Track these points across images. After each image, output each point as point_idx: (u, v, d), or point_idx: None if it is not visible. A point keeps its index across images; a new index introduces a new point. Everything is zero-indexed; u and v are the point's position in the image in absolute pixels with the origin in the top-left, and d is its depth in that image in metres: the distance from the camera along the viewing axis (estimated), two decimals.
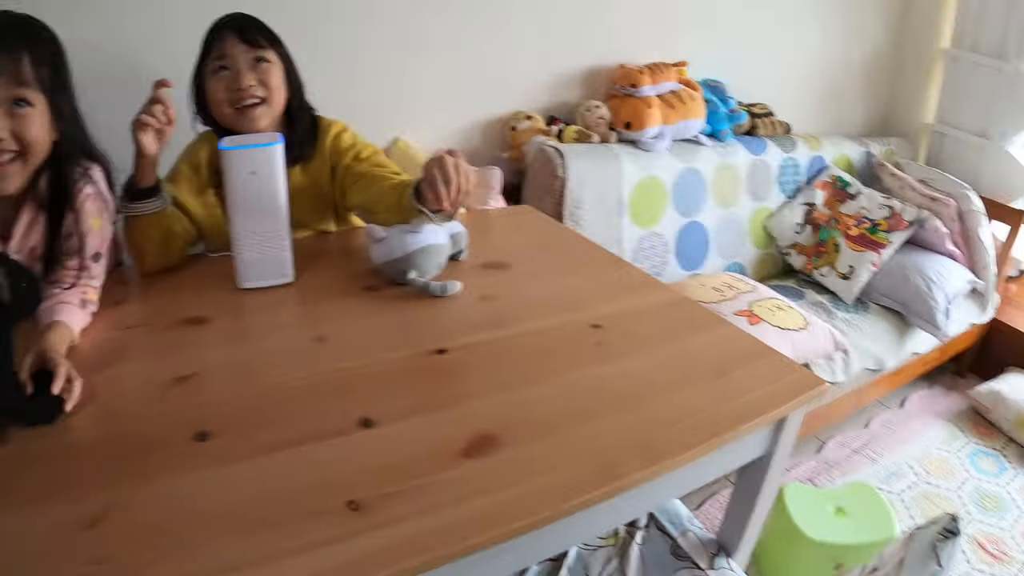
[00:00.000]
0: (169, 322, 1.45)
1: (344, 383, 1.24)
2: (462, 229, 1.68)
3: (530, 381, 1.25)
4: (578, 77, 2.85)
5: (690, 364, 1.32)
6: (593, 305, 1.50)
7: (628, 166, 2.66)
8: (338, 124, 1.86)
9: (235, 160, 1.50)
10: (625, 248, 2.68)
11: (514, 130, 2.64)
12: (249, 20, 1.69)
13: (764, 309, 2.47)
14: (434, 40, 2.51)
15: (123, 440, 1.11)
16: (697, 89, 2.88)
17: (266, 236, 1.56)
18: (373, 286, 1.58)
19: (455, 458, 1.06)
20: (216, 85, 1.66)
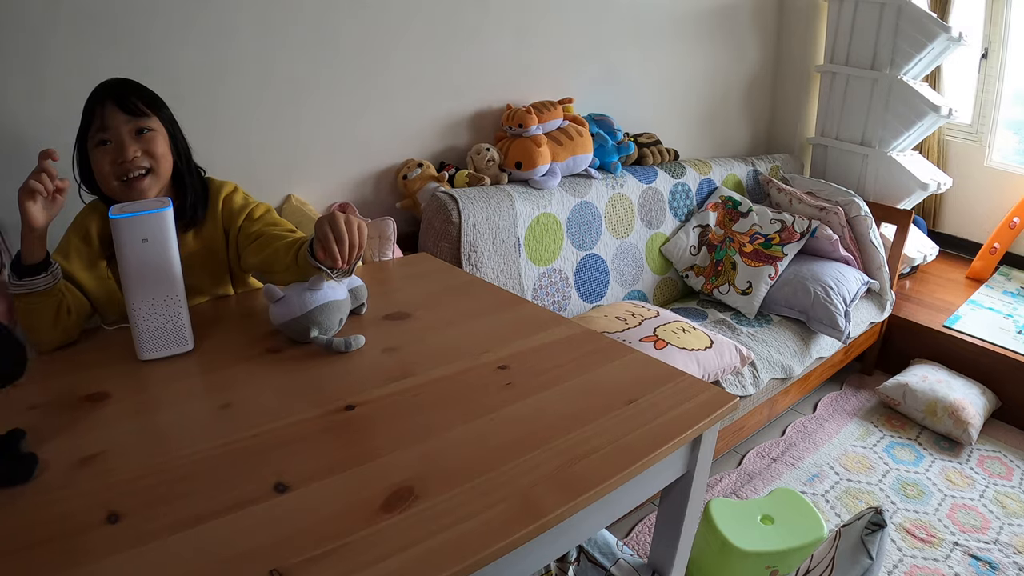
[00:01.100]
0: (70, 400, 1.40)
1: (254, 449, 1.21)
2: (361, 283, 1.67)
3: (442, 429, 1.24)
4: (465, 121, 2.87)
5: (600, 394, 1.33)
6: (498, 346, 1.50)
7: (522, 205, 2.68)
8: (228, 184, 1.82)
9: (126, 228, 1.47)
10: (526, 287, 2.69)
11: (406, 179, 2.64)
12: (128, 87, 1.64)
13: (669, 332, 2.49)
14: (319, 94, 2.50)
15: (31, 528, 1.06)
16: (584, 124, 2.92)
17: (162, 305, 1.52)
18: (275, 347, 1.56)
19: (374, 515, 1.04)
20: (100, 158, 1.62)
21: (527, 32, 2.91)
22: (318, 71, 2.47)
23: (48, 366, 1.26)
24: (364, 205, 2.65)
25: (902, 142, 3.62)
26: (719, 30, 3.61)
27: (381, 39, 2.57)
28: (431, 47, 2.69)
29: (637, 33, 3.30)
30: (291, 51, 2.40)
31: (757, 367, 2.66)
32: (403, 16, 2.59)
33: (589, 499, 1.09)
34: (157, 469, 1.18)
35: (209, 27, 2.23)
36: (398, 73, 2.64)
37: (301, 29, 2.40)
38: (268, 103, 2.40)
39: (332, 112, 2.54)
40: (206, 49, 2.23)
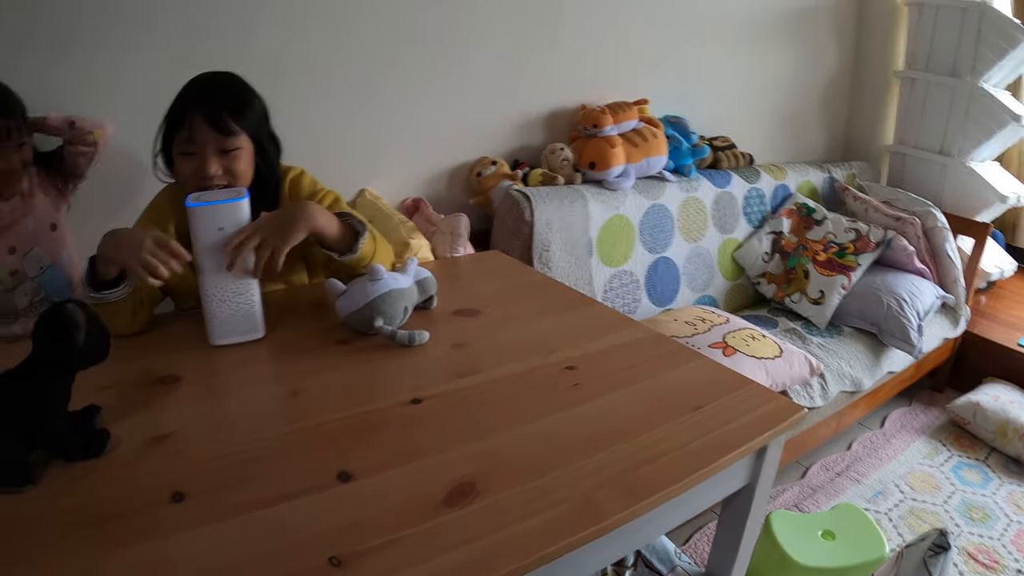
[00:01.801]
0: (143, 382, 1.43)
1: (320, 438, 1.23)
2: (429, 274, 1.67)
3: (507, 427, 1.24)
4: (541, 120, 2.89)
5: (667, 400, 1.32)
6: (567, 346, 1.49)
7: (595, 206, 2.68)
8: (295, 169, 1.83)
9: (202, 216, 1.49)
10: (596, 288, 2.69)
11: (479, 176, 2.66)
12: (218, 100, 1.64)
13: (738, 340, 2.48)
14: (394, 90, 2.53)
15: (99, 503, 1.09)
16: (659, 126, 2.91)
17: (235, 292, 1.54)
18: (345, 339, 1.57)
19: (435, 508, 1.04)
20: (183, 163, 1.63)
21: (604, 32, 2.91)
22: (394, 67, 2.50)
23: (122, 349, 1.28)
24: (437, 201, 2.67)
25: (982, 152, 3.53)
26: (797, 33, 3.57)
27: (458, 36, 2.60)
28: (508, 45, 2.71)
29: (714, 35, 3.28)
30: (368, 47, 2.44)
31: (826, 379, 2.62)
32: (481, 14, 2.62)
33: (651, 504, 1.08)
34: (224, 452, 1.20)
35: (286, 20, 2.27)
36: (474, 70, 2.66)
37: (378, 25, 2.43)
38: (343, 97, 2.44)
39: (407, 108, 2.57)
40: (283, 42, 2.28)
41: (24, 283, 1.97)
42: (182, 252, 1.47)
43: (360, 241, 1.62)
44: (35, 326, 1.16)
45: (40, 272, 1.99)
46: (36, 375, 1.15)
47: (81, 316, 1.15)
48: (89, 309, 1.18)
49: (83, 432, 1.22)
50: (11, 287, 1.96)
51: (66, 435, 1.18)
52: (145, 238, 1.46)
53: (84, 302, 1.18)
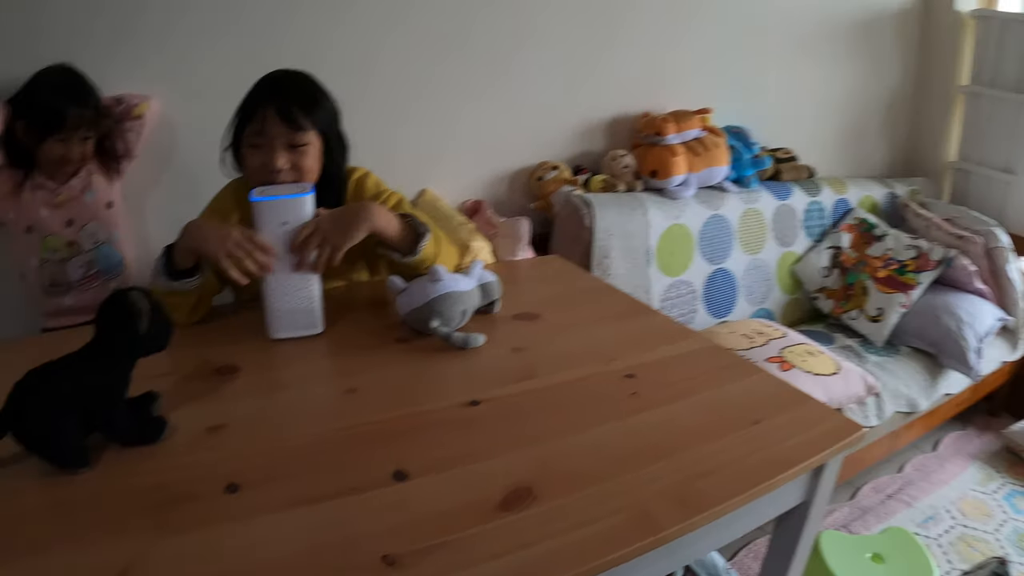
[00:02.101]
0: (201, 372, 1.46)
1: (376, 435, 1.23)
2: (494, 279, 1.67)
3: (565, 433, 1.23)
4: (603, 126, 2.89)
5: (726, 413, 1.31)
6: (625, 355, 1.48)
7: (655, 214, 2.68)
8: (360, 169, 1.86)
9: (266, 211, 1.51)
10: (653, 297, 2.69)
11: (540, 180, 2.66)
12: (292, 95, 1.67)
13: (795, 355, 2.45)
14: (457, 92, 2.55)
15: (153, 489, 1.11)
16: (721, 135, 2.90)
17: (296, 287, 1.56)
18: (404, 337, 1.58)
19: (491, 512, 1.04)
20: (251, 156, 1.66)
21: (668, 39, 2.91)
22: (458, 69, 2.52)
23: (181, 338, 1.30)
24: (498, 204, 2.69)
25: None
26: (860, 45, 3.52)
27: (523, 41, 2.62)
28: (571, 51, 2.71)
29: (778, 45, 3.26)
30: (432, 47, 2.47)
31: (882, 398, 2.59)
32: (545, 19, 2.63)
33: (708, 518, 1.07)
34: (279, 445, 1.21)
35: (353, 21, 2.31)
36: (538, 75, 2.68)
37: (442, 27, 2.46)
38: (406, 97, 2.47)
39: (469, 109, 2.60)
40: (350, 42, 2.33)
41: (79, 255, 2.03)
42: (269, 247, 1.50)
43: (421, 243, 1.63)
44: (99, 311, 1.18)
45: (95, 246, 2.06)
46: (97, 360, 1.18)
47: (145, 304, 1.17)
48: (152, 297, 1.20)
49: (140, 418, 1.25)
50: (67, 257, 2.02)
51: (124, 420, 1.20)
52: (232, 230, 1.50)
53: (147, 290, 1.20)
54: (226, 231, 1.50)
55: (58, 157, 1.96)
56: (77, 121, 1.95)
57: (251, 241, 1.49)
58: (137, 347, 1.20)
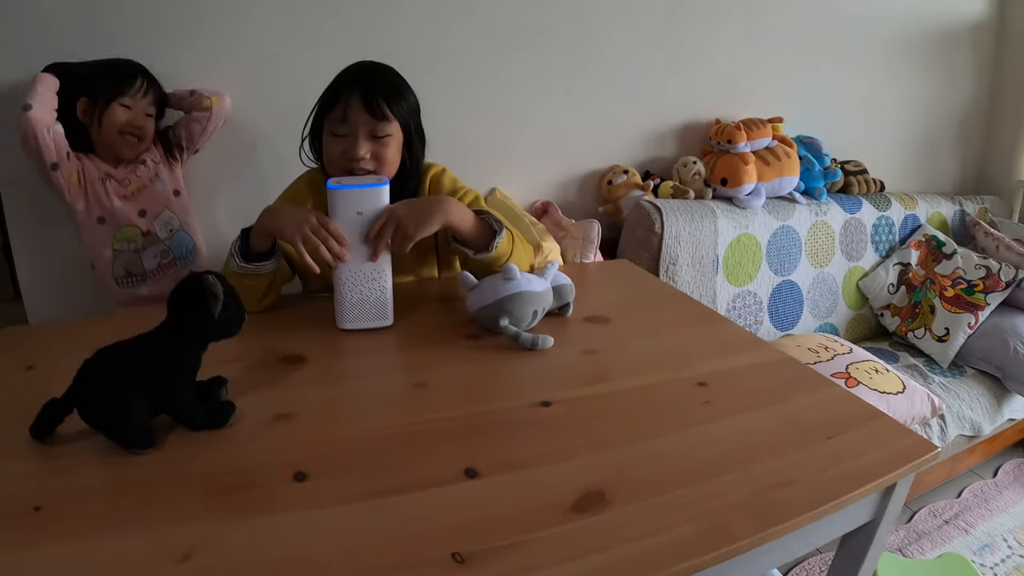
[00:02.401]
0: (269, 359, 1.47)
1: (446, 432, 1.23)
2: (568, 282, 1.67)
3: (638, 438, 1.22)
4: (674, 132, 2.89)
5: (799, 426, 1.29)
6: (698, 362, 1.47)
7: (724, 223, 2.67)
8: (437, 166, 1.87)
9: (342, 199, 1.53)
10: (719, 306, 2.68)
11: (610, 184, 2.67)
12: (377, 85, 1.68)
13: (861, 372, 2.43)
14: (531, 92, 2.57)
15: (219, 474, 1.12)
16: (792, 146, 2.88)
17: (368, 278, 1.57)
18: (474, 335, 1.58)
19: (562, 514, 1.03)
20: (332, 144, 1.68)
21: (741, 47, 2.90)
22: (533, 69, 2.54)
23: (250, 325, 1.31)
24: (567, 206, 2.69)
25: None
26: (934, 59, 3.47)
27: (596, 44, 2.63)
28: (646, 55, 2.72)
29: (851, 57, 3.22)
30: (507, 47, 2.49)
31: (946, 420, 2.55)
32: (618, 23, 2.64)
33: (780, 532, 1.06)
34: (347, 437, 1.22)
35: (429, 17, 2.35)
36: (611, 79, 2.69)
37: (518, 26, 2.47)
38: (479, 96, 2.50)
39: (541, 111, 2.61)
40: (427, 38, 2.36)
41: (154, 245, 2.07)
42: (343, 236, 1.51)
43: (496, 240, 1.64)
44: (173, 294, 1.20)
45: (169, 235, 2.08)
46: (169, 342, 1.19)
47: (219, 289, 1.18)
48: (227, 283, 1.21)
49: (208, 403, 1.26)
50: (141, 247, 2.04)
51: (191, 404, 1.22)
52: (310, 216, 1.51)
53: (222, 276, 1.22)
54: (304, 216, 1.52)
55: (123, 123, 1.98)
56: (144, 84, 2.00)
57: (327, 228, 1.51)
58: (209, 331, 1.21)
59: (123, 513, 1.03)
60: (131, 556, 0.95)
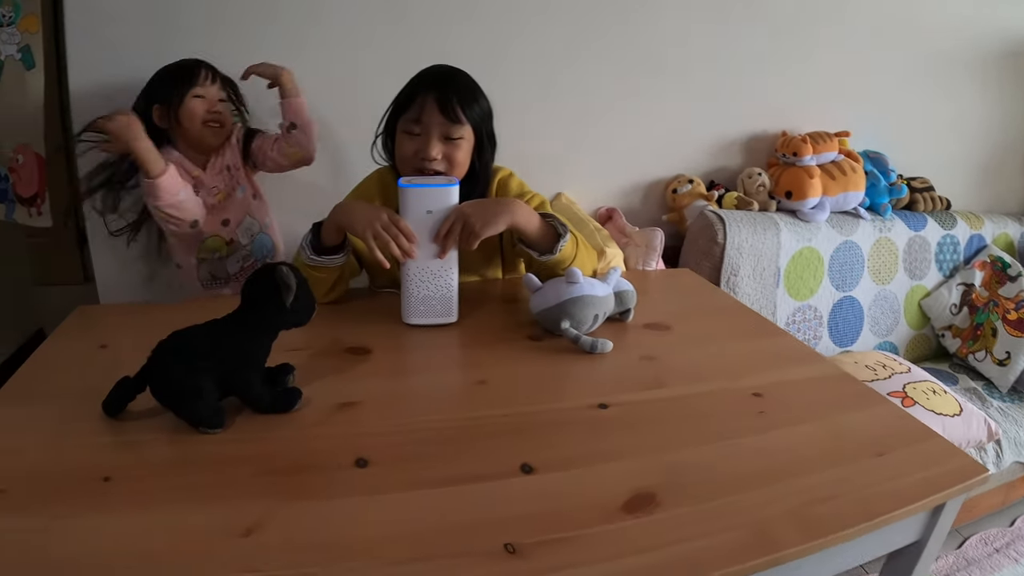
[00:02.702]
0: (335, 350, 1.52)
1: (504, 428, 1.26)
2: (630, 288, 1.69)
3: (690, 443, 1.24)
4: (740, 143, 2.90)
5: (850, 440, 1.30)
6: (753, 373, 1.48)
7: (787, 236, 2.67)
8: (505, 169, 1.91)
9: (413, 197, 1.57)
10: (778, 319, 2.67)
11: (675, 193, 2.69)
12: (453, 87, 1.71)
13: (918, 392, 2.42)
14: (599, 98, 2.59)
15: (283, 456, 1.17)
16: (858, 160, 2.87)
17: (435, 274, 1.61)
18: (536, 336, 1.61)
19: (614, 513, 1.05)
20: (405, 143, 1.72)
21: (809, 59, 2.88)
22: (601, 75, 2.57)
23: (318, 317, 1.34)
24: (631, 213, 2.72)
25: None
26: (1005, 77, 3.40)
27: (666, 53, 2.64)
28: (714, 65, 2.73)
29: (922, 72, 3.18)
30: (576, 53, 2.51)
31: (1002, 446, 2.52)
32: (689, 33, 2.65)
33: (825, 544, 1.07)
34: (408, 428, 1.25)
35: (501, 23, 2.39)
36: (678, 87, 2.70)
37: (587, 33, 2.50)
38: (546, 100, 2.53)
39: (609, 117, 2.64)
40: (497, 43, 2.40)
41: (237, 251, 2.12)
42: (412, 233, 1.55)
43: (561, 243, 1.66)
44: (247, 282, 1.25)
45: (251, 240, 2.14)
46: (241, 327, 1.24)
47: (292, 279, 1.23)
48: (299, 275, 1.25)
49: (276, 387, 1.31)
50: (226, 255, 2.10)
51: (260, 388, 1.27)
52: (381, 212, 1.55)
53: (295, 267, 1.26)
54: (375, 212, 1.56)
55: (202, 113, 2.01)
56: (209, 73, 2.03)
57: (397, 225, 1.55)
58: (281, 319, 1.26)
59: (188, 487, 1.08)
60: (194, 528, 1.00)
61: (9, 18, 2.17)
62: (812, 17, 2.83)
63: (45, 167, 2.30)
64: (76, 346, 1.62)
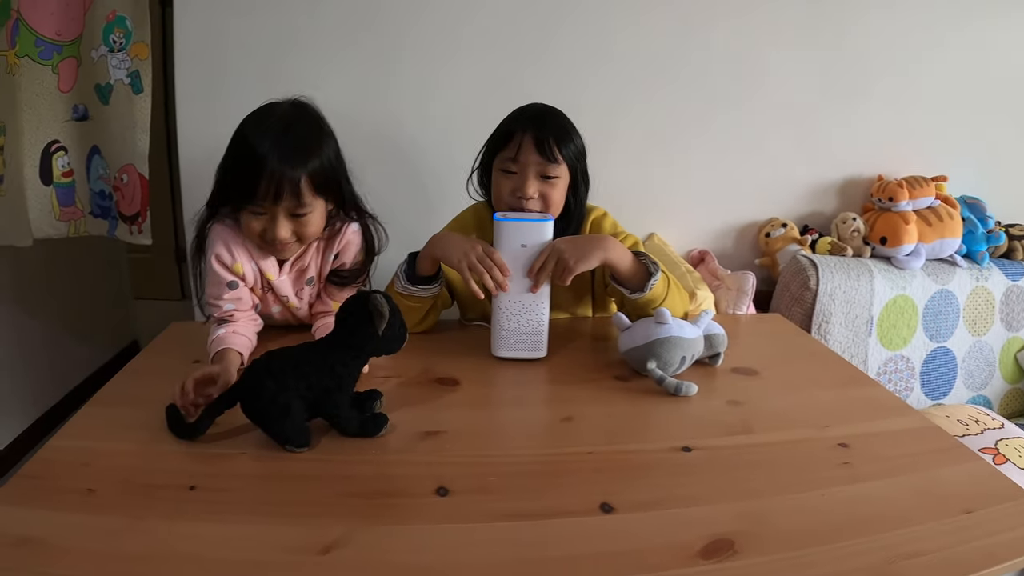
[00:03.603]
0: (423, 379, 1.57)
1: (587, 465, 1.28)
2: (721, 331, 1.69)
3: (772, 492, 1.23)
4: (835, 187, 2.88)
5: (937, 496, 1.27)
6: (840, 423, 1.47)
7: (881, 283, 2.64)
8: (599, 209, 1.94)
9: (507, 231, 1.61)
10: (869, 368, 2.64)
11: (768, 237, 2.69)
12: (548, 127, 1.75)
13: (1011, 449, 2.36)
14: (693, 141, 2.63)
15: (366, 479, 1.21)
16: (955, 206, 2.82)
17: (527, 309, 1.64)
18: (623, 375, 1.63)
19: (691, 557, 1.05)
20: (502, 181, 1.77)
21: (906, 102, 2.85)
22: (693, 119, 2.60)
23: (408, 346, 1.38)
24: (723, 256, 2.74)
25: None
26: None
27: (760, 94, 2.66)
28: (808, 108, 2.73)
29: (1020, 116, 3.11)
30: (672, 95, 2.56)
31: None
32: (784, 75, 2.66)
33: None
34: (491, 459, 1.28)
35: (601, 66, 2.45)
36: (772, 130, 2.71)
37: (684, 76, 2.54)
38: (642, 142, 2.58)
39: (702, 160, 2.67)
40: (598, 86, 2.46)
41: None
42: (506, 266, 1.59)
43: (651, 281, 1.68)
44: (342, 309, 1.30)
45: None
46: (333, 352, 1.29)
47: (386, 308, 1.27)
48: (392, 303, 1.29)
49: (363, 412, 1.36)
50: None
51: (348, 411, 1.32)
52: (476, 244, 1.60)
53: (389, 296, 1.30)
54: (471, 243, 1.61)
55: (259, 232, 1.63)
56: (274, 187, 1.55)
57: (491, 257, 1.59)
58: (372, 347, 1.31)
59: (270, 502, 1.14)
60: (274, 542, 1.05)
61: (120, 44, 2.31)
62: (909, 57, 2.81)
63: (148, 187, 2.41)
64: (170, 359, 1.71)
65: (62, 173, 2.51)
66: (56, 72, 2.43)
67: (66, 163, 2.51)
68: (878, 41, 2.75)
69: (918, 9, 2.75)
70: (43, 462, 1.27)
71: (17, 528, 1.08)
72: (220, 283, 1.70)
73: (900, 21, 2.74)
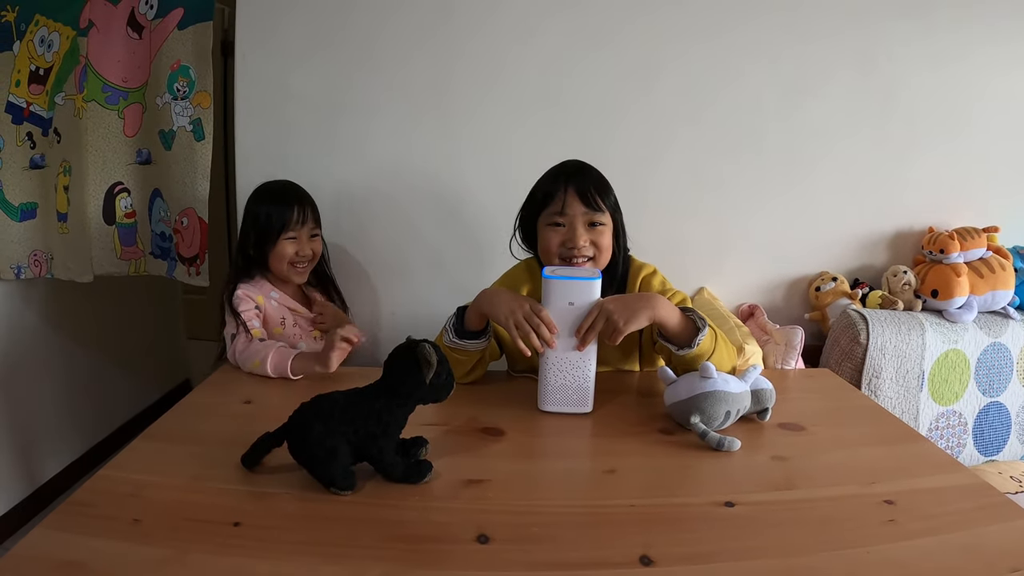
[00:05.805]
0: (468, 428, 1.60)
1: (628, 518, 1.29)
2: (769, 387, 1.70)
3: (816, 549, 1.22)
4: (885, 240, 2.88)
5: (985, 554, 1.26)
6: (887, 479, 1.46)
7: (932, 337, 2.62)
8: (648, 267, 1.97)
9: (555, 288, 1.64)
10: (920, 424, 2.61)
11: (818, 291, 2.69)
12: (588, 179, 1.81)
13: None
14: (742, 195, 2.66)
15: (407, 524, 1.24)
16: (1008, 257, 2.79)
17: (573, 365, 1.67)
18: (667, 429, 1.65)
19: None
20: (550, 236, 1.82)
21: (956, 153, 2.85)
22: (743, 172, 2.64)
23: (456, 395, 1.42)
24: (773, 310, 2.74)
25: None
26: None
27: (810, 149, 2.68)
28: (857, 161, 2.74)
29: None
30: (721, 149, 2.60)
31: None
32: (832, 129, 2.68)
33: None
34: (533, 509, 1.30)
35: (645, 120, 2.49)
36: (822, 184, 2.72)
37: (731, 130, 2.58)
38: (691, 195, 2.61)
39: (752, 214, 2.69)
40: (644, 138, 2.50)
41: None
42: (553, 324, 1.62)
43: (699, 336, 1.70)
44: (390, 356, 1.34)
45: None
46: (381, 398, 1.33)
47: (434, 357, 1.30)
48: (440, 352, 1.33)
49: (408, 458, 1.39)
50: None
51: (393, 457, 1.35)
52: (524, 302, 1.64)
53: (437, 345, 1.34)
54: (519, 301, 1.65)
55: (292, 255, 2.21)
56: (301, 213, 2.22)
57: (538, 315, 1.62)
58: (419, 394, 1.34)
59: (313, 542, 1.17)
60: None
61: (184, 93, 2.42)
62: (959, 108, 2.81)
63: (207, 231, 2.50)
64: (221, 398, 1.78)
65: (125, 214, 2.63)
66: (122, 117, 2.56)
67: (129, 204, 2.63)
68: (927, 93, 2.76)
69: (965, 60, 2.76)
70: (92, 491, 1.32)
71: (61, 552, 1.13)
72: (249, 307, 2.14)
73: (948, 72, 2.76)
